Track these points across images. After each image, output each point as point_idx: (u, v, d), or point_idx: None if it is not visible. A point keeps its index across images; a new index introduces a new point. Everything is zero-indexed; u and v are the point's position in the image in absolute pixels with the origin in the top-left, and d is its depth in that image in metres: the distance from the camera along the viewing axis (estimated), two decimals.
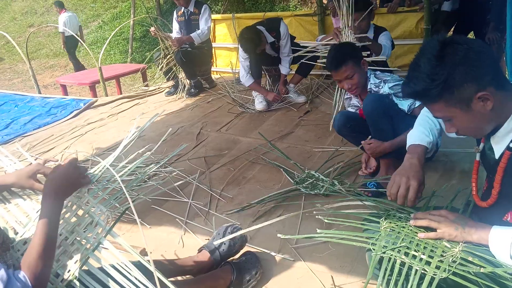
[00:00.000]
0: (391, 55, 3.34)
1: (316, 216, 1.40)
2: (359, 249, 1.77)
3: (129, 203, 1.19)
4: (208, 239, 2.06)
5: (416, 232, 1.18)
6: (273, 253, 1.91)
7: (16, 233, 1.40)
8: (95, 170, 1.56)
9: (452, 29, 4.41)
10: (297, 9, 9.33)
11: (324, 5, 4.68)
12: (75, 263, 1.32)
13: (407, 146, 1.42)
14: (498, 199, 1.14)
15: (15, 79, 9.44)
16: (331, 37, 3.26)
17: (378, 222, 1.25)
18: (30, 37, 11.98)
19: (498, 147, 1.13)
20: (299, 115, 3.67)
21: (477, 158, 1.23)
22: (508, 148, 1.09)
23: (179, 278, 1.73)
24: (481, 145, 1.21)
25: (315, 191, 2.39)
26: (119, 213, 1.63)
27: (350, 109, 2.63)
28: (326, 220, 1.38)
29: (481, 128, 1.12)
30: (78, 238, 1.37)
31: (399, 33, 4.21)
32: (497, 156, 1.14)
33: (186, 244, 2.08)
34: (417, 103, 2.08)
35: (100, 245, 1.38)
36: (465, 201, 1.37)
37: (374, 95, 2.28)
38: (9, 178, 1.39)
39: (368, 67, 2.40)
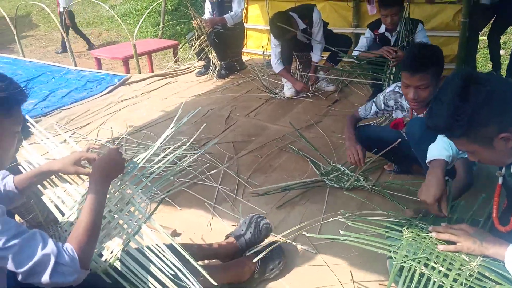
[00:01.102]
0: None
1: (340, 219, 1.48)
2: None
3: (167, 190, 1.29)
4: (235, 225, 2.18)
5: (436, 244, 1.25)
6: (296, 245, 2.00)
7: (63, 215, 1.53)
8: (138, 159, 1.67)
9: (491, 22, 4.30)
10: None
11: None
12: (117, 245, 1.45)
13: (427, 160, 1.51)
14: None
15: (50, 47, 9.66)
16: (377, 54, 3.16)
17: (400, 231, 1.31)
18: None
19: None
20: (327, 104, 3.70)
21: (500, 182, 1.27)
22: None
23: (206, 261, 1.86)
24: (503, 169, 1.25)
25: (340, 185, 2.46)
26: (155, 195, 1.75)
27: (377, 102, 2.38)
28: (349, 223, 1.46)
29: (502, 162, 1.17)
30: (120, 222, 1.49)
31: (435, 25, 4.13)
32: None
33: (214, 228, 2.19)
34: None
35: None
36: (486, 214, 1.43)
37: (422, 120, 1.94)
38: (56, 165, 1.47)
39: None
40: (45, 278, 1.08)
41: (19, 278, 1.08)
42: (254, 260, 1.76)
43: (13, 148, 1.20)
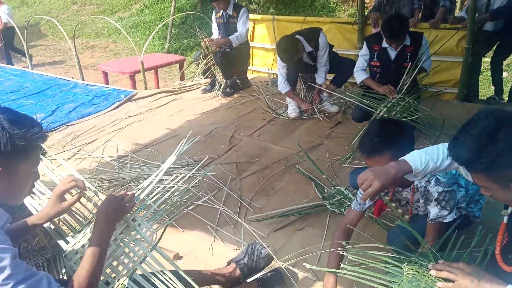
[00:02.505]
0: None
1: (341, 253, 1.51)
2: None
3: (172, 213, 1.32)
4: (236, 249, 2.21)
5: (435, 282, 1.28)
6: (296, 271, 2.03)
7: (67, 243, 1.57)
8: (140, 190, 1.70)
9: (494, 49, 4.36)
10: (338, 6, 9.30)
11: (365, 14, 4.68)
12: (124, 274, 1.48)
13: (402, 157, 1.45)
14: None
15: (57, 57, 9.80)
16: (380, 91, 3.34)
17: (400, 267, 1.34)
18: (72, 15, 12.39)
19: None
20: (330, 126, 3.75)
21: (505, 221, 1.30)
22: None
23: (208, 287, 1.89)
24: (509, 209, 1.27)
25: (340, 210, 2.49)
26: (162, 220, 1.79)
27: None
28: (350, 257, 1.49)
29: None
30: (126, 251, 1.53)
31: (439, 50, 4.18)
32: None
33: (216, 251, 2.23)
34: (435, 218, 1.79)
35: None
36: (484, 249, 1.45)
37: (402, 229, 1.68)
38: (40, 218, 1.44)
39: None
40: None
41: None
42: (249, 280, 1.81)
43: (28, 187, 1.23)
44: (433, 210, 1.73)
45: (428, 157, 1.44)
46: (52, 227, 1.58)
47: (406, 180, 1.57)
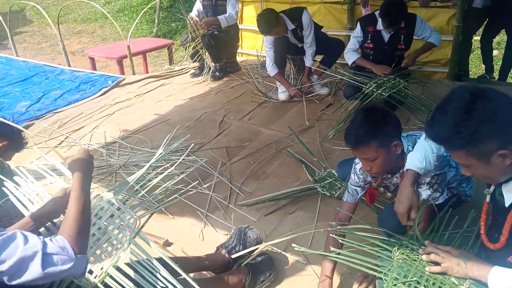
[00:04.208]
0: None
1: (330, 235, 1.50)
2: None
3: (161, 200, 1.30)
4: (227, 234, 2.20)
5: (426, 266, 1.27)
6: (287, 254, 2.02)
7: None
8: (130, 179, 1.67)
9: (483, 26, 4.32)
10: None
11: None
12: (107, 262, 1.46)
13: (405, 168, 1.58)
14: (506, 243, 1.21)
15: (44, 43, 9.59)
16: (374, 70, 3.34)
17: (391, 251, 1.33)
18: (58, 0, 12.09)
19: (509, 195, 1.19)
20: (321, 108, 3.71)
21: (487, 199, 1.29)
22: None
23: (197, 273, 1.88)
24: (492, 188, 1.27)
25: (331, 193, 2.48)
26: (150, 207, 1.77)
27: (353, 184, 1.87)
28: (340, 241, 1.48)
29: (496, 178, 1.18)
30: (109, 239, 1.50)
31: None
32: (507, 204, 1.20)
33: (206, 237, 2.21)
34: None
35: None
36: (476, 231, 1.44)
37: (391, 214, 1.67)
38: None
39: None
40: (37, 270, 1.06)
41: (6, 279, 1.05)
42: (236, 255, 1.82)
43: None
44: (425, 193, 1.71)
45: (422, 152, 1.55)
46: None
47: (396, 166, 1.68)
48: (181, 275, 1.47)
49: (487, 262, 1.21)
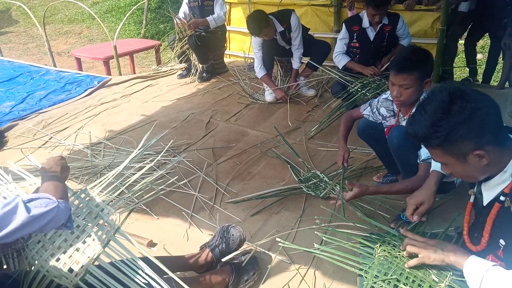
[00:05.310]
0: None
1: (315, 232, 1.51)
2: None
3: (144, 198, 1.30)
4: (212, 234, 2.19)
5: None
6: (271, 254, 2.03)
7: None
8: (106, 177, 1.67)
9: (467, 30, 4.39)
10: None
11: None
12: (87, 259, 1.45)
13: (431, 169, 1.63)
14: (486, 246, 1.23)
15: (30, 43, 9.48)
16: (360, 71, 3.37)
17: (373, 248, 1.35)
18: (45, 0, 11.97)
19: (487, 194, 1.21)
20: (307, 110, 3.73)
21: (471, 200, 1.30)
22: (498, 200, 1.16)
23: (181, 273, 1.87)
24: (475, 188, 1.28)
25: (316, 193, 2.49)
26: (130, 203, 1.76)
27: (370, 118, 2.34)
28: (324, 238, 1.49)
29: (474, 177, 1.20)
30: (89, 236, 1.49)
31: (414, 32, 4.20)
32: (485, 202, 1.22)
33: (191, 237, 2.21)
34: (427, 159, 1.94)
35: (111, 242, 1.50)
36: (460, 229, 1.47)
37: (401, 128, 2.01)
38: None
39: None
40: (22, 214, 1.07)
41: None
42: (223, 260, 1.82)
43: None
44: (424, 151, 1.89)
45: None
46: None
47: (414, 103, 2.01)
48: (165, 275, 1.47)
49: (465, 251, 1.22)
